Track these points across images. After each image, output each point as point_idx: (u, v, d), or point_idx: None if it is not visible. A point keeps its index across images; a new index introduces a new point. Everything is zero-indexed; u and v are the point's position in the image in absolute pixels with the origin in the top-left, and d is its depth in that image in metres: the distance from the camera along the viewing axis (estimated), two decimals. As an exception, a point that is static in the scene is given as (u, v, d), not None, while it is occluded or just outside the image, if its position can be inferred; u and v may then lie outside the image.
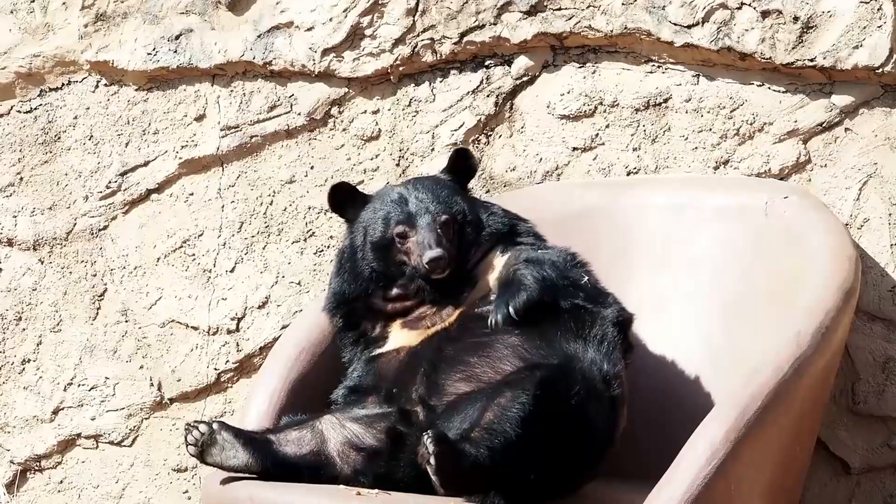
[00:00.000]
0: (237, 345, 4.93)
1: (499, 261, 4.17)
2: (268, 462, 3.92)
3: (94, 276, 5.05)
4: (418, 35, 4.74)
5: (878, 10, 4.37)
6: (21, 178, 5.09)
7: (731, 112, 4.54)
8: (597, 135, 4.66)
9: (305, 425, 4.00)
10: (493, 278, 4.14)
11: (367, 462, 3.93)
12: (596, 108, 4.66)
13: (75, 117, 5.04)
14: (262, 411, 4.19)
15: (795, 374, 3.77)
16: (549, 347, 3.93)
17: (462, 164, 4.29)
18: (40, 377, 5.10)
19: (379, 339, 4.21)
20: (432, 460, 3.63)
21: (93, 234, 5.04)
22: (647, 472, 3.79)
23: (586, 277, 4.11)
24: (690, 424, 3.70)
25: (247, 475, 3.95)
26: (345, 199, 4.26)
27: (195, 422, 3.92)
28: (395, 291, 4.19)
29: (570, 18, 4.62)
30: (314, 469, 3.94)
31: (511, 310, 3.95)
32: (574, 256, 4.16)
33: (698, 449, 3.61)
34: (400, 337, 4.19)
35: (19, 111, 5.09)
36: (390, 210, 4.18)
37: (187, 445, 3.93)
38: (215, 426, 3.92)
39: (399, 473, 3.88)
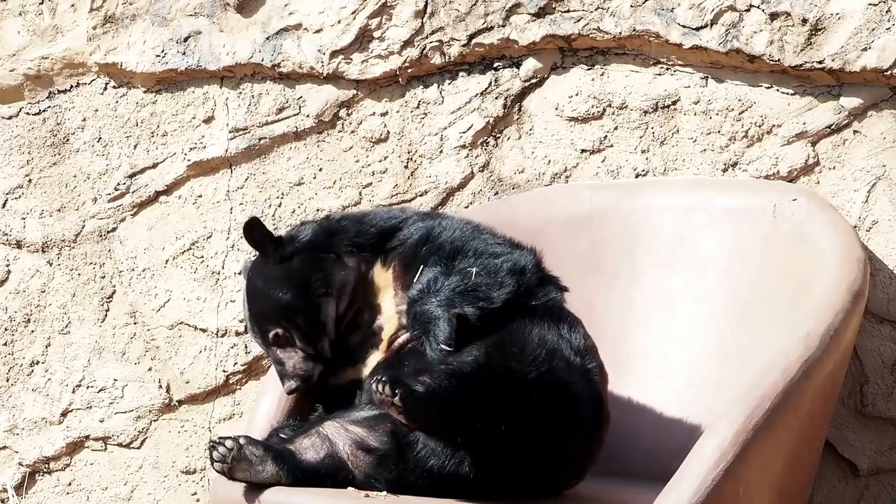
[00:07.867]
0: (246, 347, 4.93)
1: (381, 277, 4.11)
2: (297, 473, 3.83)
3: (103, 277, 5.06)
4: (427, 37, 4.74)
5: (887, 11, 4.37)
6: (30, 180, 5.10)
7: (739, 114, 4.54)
8: (605, 137, 4.66)
9: (311, 432, 3.94)
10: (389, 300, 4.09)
11: (377, 466, 3.87)
12: (604, 110, 4.66)
13: (84, 119, 5.05)
14: (271, 414, 4.18)
15: (804, 375, 3.77)
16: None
17: (257, 238, 4.11)
18: (49, 379, 5.10)
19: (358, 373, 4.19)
20: (397, 401, 3.60)
21: (101, 235, 5.05)
22: (656, 474, 3.79)
23: (474, 269, 3.94)
24: (699, 425, 3.71)
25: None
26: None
27: (220, 438, 3.83)
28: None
29: (578, 20, 4.62)
30: (332, 475, 3.86)
31: (442, 347, 3.84)
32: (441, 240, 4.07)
33: (707, 450, 3.60)
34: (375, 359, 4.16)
35: (28, 113, 5.10)
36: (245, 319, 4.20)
37: (213, 462, 3.81)
38: (242, 441, 3.82)
39: (411, 477, 3.83)
